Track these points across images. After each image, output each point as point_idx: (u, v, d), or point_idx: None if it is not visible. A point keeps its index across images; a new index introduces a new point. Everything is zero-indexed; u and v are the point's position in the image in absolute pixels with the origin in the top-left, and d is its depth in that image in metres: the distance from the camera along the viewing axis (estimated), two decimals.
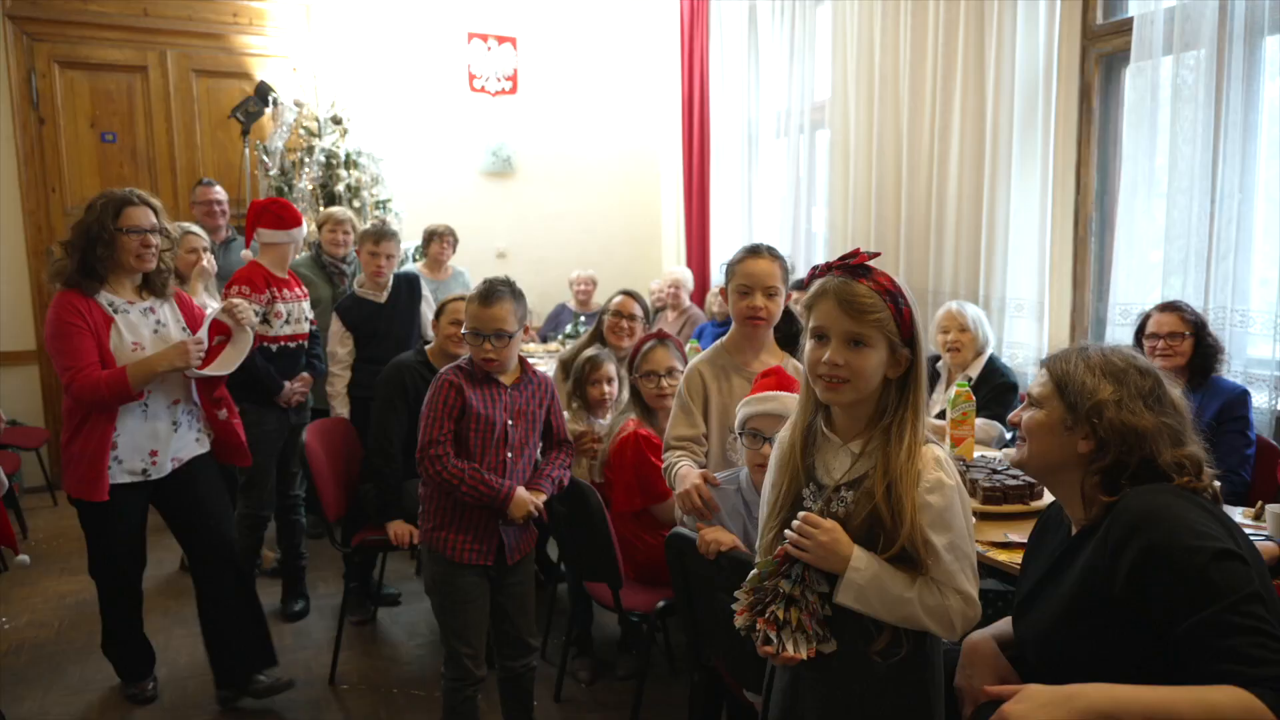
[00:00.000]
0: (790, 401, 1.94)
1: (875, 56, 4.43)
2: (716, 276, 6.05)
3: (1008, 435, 3.01)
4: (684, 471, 2.07)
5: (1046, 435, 1.48)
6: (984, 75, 3.85)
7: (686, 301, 5.60)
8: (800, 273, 5.05)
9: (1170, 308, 2.80)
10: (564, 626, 3.18)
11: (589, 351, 3.15)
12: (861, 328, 1.38)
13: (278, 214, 3.35)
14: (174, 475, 2.69)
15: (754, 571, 1.46)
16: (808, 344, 1.44)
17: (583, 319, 5.64)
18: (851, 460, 1.43)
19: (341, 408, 3.59)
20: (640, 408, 2.83)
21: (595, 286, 6.02)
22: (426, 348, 3.25)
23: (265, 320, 3.28)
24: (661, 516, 2.66)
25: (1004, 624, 1.63)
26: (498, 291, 2.28)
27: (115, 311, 2.55)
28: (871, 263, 1.44)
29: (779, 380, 2.01)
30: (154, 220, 2.59)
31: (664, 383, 2.76)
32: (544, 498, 2.38)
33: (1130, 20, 3.35)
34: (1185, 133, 3.12)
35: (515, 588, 2.42)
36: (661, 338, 2.88)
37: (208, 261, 3.71)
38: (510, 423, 2.34)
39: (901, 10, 4.25)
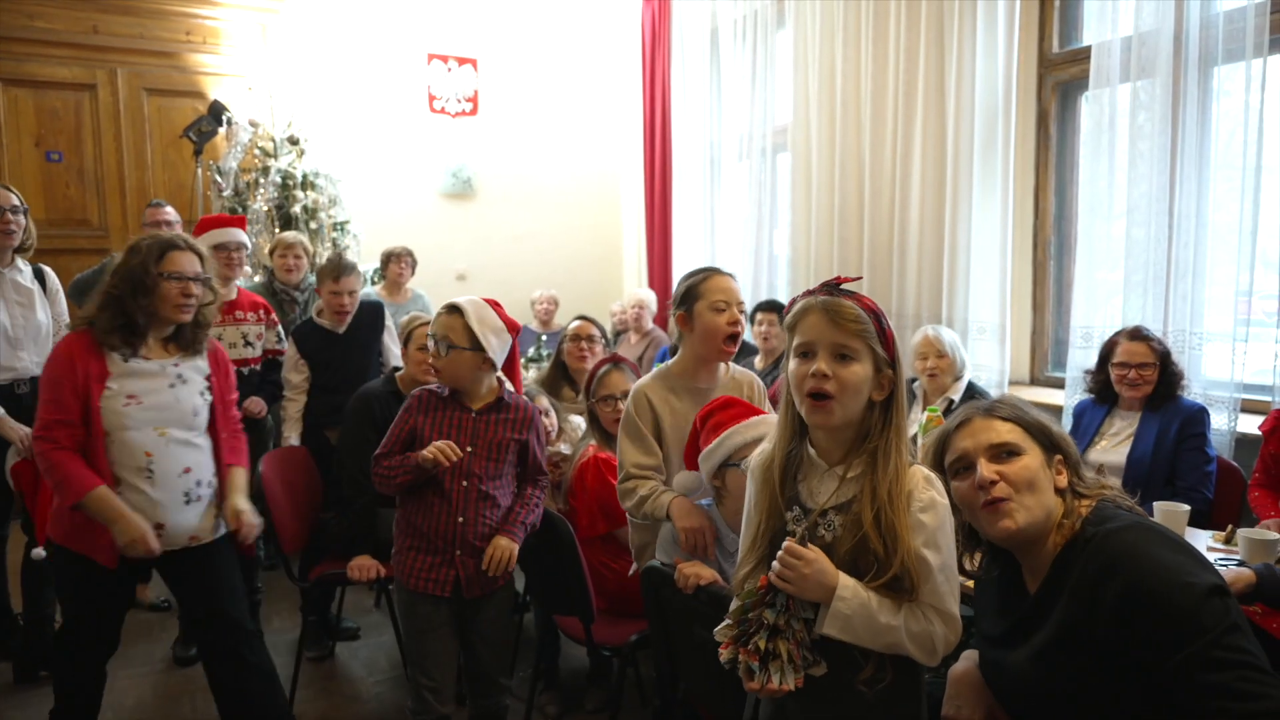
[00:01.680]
0: (772, 422, 1.92)
1: (837, 81, 4.47)
2: None
3: None
4: (684, 505, 2.02)
5: (1041, 479, 1.44)
6: (944, 101, 3.91)
7: (650, 324, 5.57)
8: (761, 295, 5.08)
9: (1138, 336, 2.85)
10: (530, 658, 3.11)
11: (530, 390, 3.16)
12: (848, 339, 1.38)
13: (200, 225, 3.28)
14: (189, 553, 2.34)
15: (736, 603, 1.42)
16: (791, 363, 1.42)
17: (544, 338, 5.59)
18: (838, 483, 1.41)
19: (291, 432, 3.48)
20: (599, 432, 2.81)
21: (557, 306, 5.98)
22: (397, 374, 3.19)
23: None
24: (625, 541, 2.62)
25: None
26: (462, 307, 2.26)
27: (121, 367, 2.24)
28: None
29: (745, 408, 2.00)
30: (199, 268, 2.31)
31: (620, 405, 2.72)
32: (516, 546, 2.29)
33: (1086, 49, 3.42)
34: (1142, 158, 3.19)
35: (485, 625, 2.34)
36: (616, 361, 2.87)
37: None
38: (470, 449, 2.27)
39: (862, 36, 4.30)
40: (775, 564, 1.38)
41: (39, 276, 3.20)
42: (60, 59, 5.08)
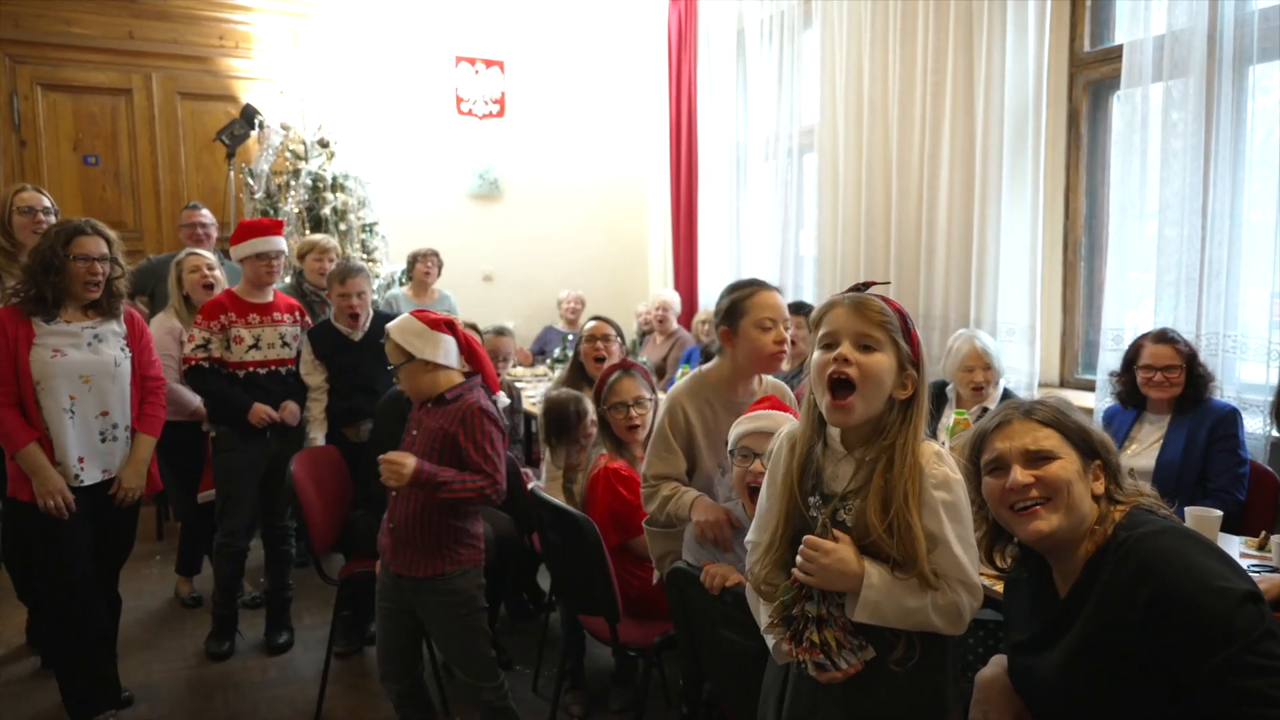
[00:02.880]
0: (781, 419, 1.94)
1: (864, 81, 4.45)
2: (705, 300, 6.04)
3: None
4: (705, 502, 2.03)
5: (1077, 485, 1.42)
6: (973, 100, 3.88)
7: (674, 324, 5.58)
8: (787, 297, 5.06)
9: (1163, 339, 2.81)
10: (555, 658, 3.13)
11: (568, 392, 3.14)
12: (872, 329, 1.40)
13: (240, 230, 3.33)
14: (105, 486, 2.79)
15: (776, 602, 1.44)
16: (815, 355, 1.44)
17: (570, 338, 5.61)
18: (856, 467, 1.43)
19: (317, 433, 3.52)
20: (610, 440, 2.77)
21: (583, 306, 6.01)
22: None
23: (226, 346, 3.28)
24: (640, 551, 2.62)
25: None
26: (388, 330, 2.36)
27: (44, 328, 2.66)
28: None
29: (772, 403, 2.03)
30: (104, 250, 2.71)
31: (633, 412, 2.71)
32: (412, 463, 2.20)
33: (1118, 48, 3.38)
34: (1175, 157, 3.14)
35: (431, 621, 2.39)
36: (627, 367, 2.83)
37: (219, 275, 3.72)
38: (414, 432, 2.39)
39: (890, 35, 4.28)
40: (799, 559, 1.39)
41: None
42: (96, 64, 5.18)
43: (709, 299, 6.03)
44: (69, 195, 5.12)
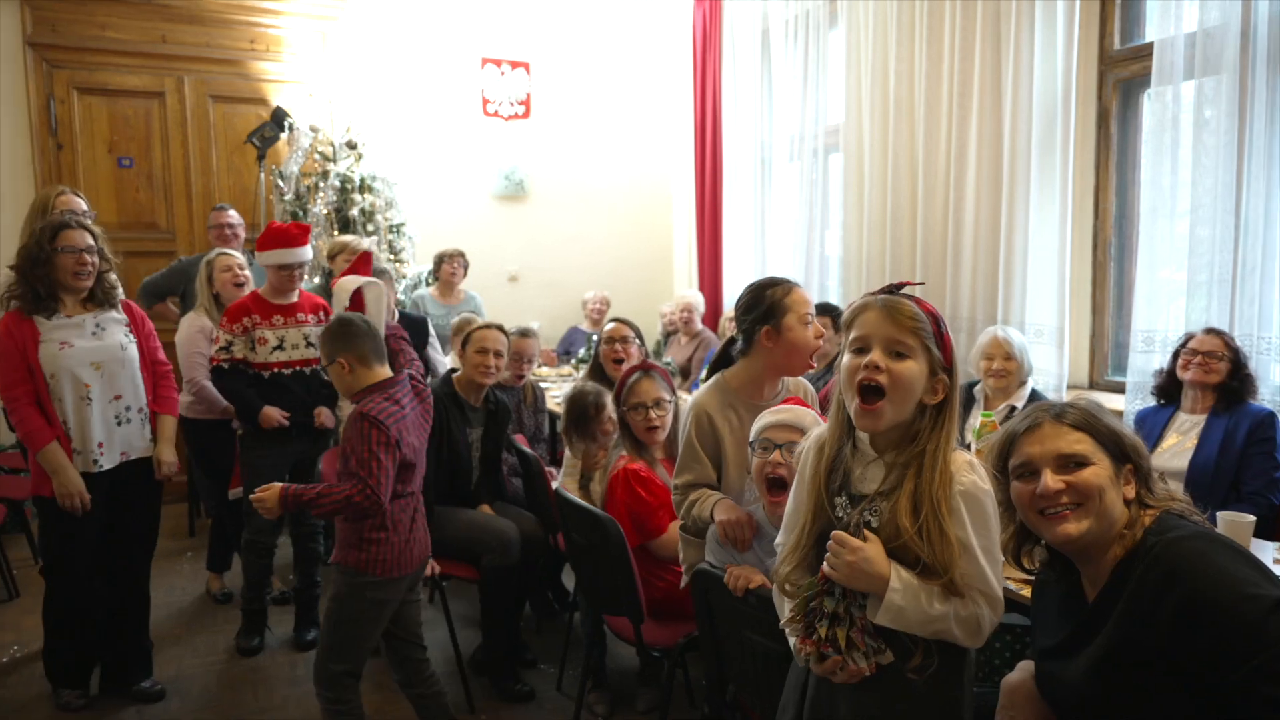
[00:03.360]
0: (803, 413, 1.95)
1: (890, 80, 4.43)
2: (730, 300, 6.03)
3: None
4: (727, 503, 2.04)
5: (1108, 491, 1.40)
6: (1001, 99, 3.84)
7: (699, 325, 5.58)
8: (813, 297, 5.04)
9: (1215, 331, 2.81)
10: (579, 658, 3.14)
11: (591, 385, 3.16)
12: (903, 335, 1.39)
13: (265, 237, 3.38)
14: (123, 469, 2.90)
15: (799, 598, 1.45)
16: (845, 358, 1.43)
17: (594, 338, 5.63)
18: (885, 470, 1.42)
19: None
20: (630, 441, 2.77)
21: (609, 306, 6.02)
22: (454, 376, 3.27)
23: (251, 348, 3.33)
24: (659, 553, 2.63)
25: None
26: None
27: (46, 325, 2.76)
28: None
29: (796, 402, 2.06)
30: (90, 242, 2.79)
31: (652, 414, 2.71)
32: (275, 492, 2.25)
33: (1149, 46, 3.34)
34: (1207, 155, 3.10)
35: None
36: (647, 368, 2.83)
37: (250, 275, 3.79)
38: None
39: (916, 34, 4.25)
40: (828, 554, 1.39)
41: None
42: (131, 68, 5.27)
43: (734, 299, 6.00)
44: (104, 197, 5.21)
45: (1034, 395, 3.27)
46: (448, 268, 5.20)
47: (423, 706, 2.55)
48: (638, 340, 3.69)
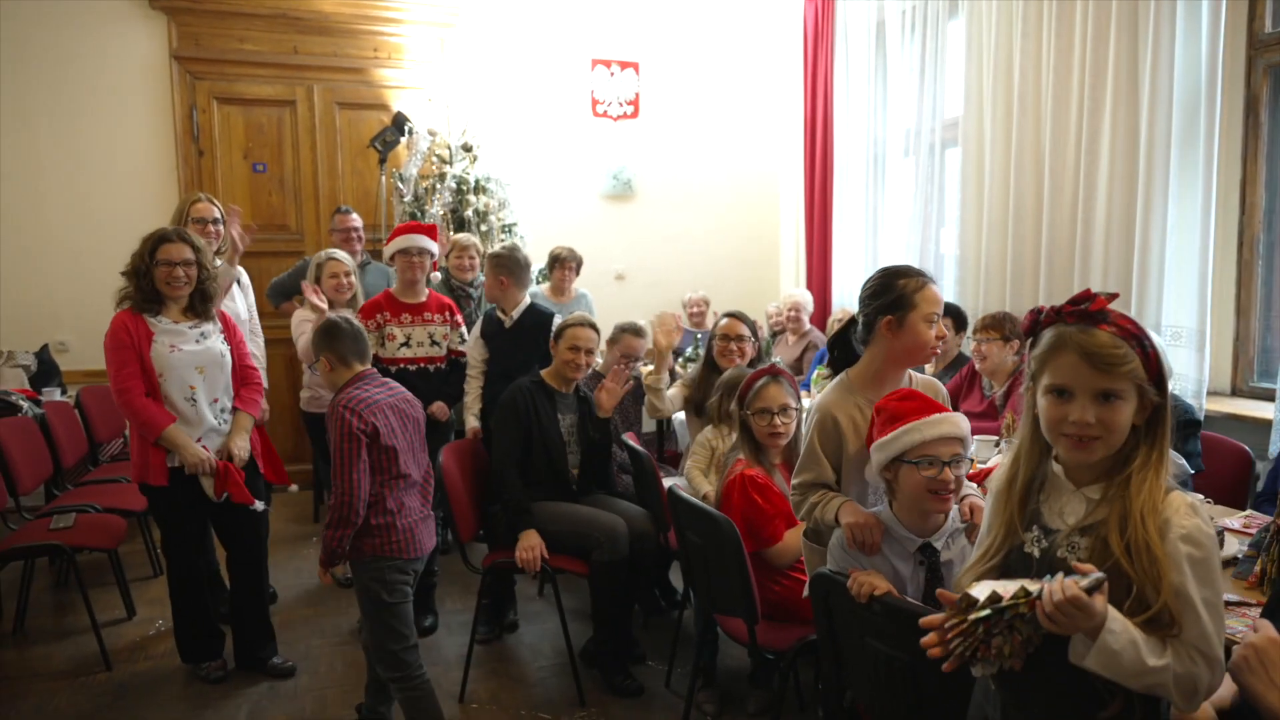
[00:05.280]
0: (958, 419, 1.87)
1: (1014, 71, 4.25)
2: (839, 299, 5.93)
3: (1190, 470, 2.78)
4: (853, 505, 2.00)
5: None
6: (1137, 89, 3.64)
7: (807, 324, 5.50)
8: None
9: None
10: (688, 656, 3.14)
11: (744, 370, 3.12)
12: (1113, 382, 1.28)
13: (394, 231, 3.56)
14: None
15: (982, 612, 1.25)
16: (1043, 400, 1.34)
17: (700, 336, 5.62)
18: (1087, 506, 1.32)
19: (472, 417, 3.73)
20: (750, 445, 2.72)
21: (708, 307, 5.98)
22: (543, 371, 3.34)
23: (381, 343, 3.56)
24: (774, 561, 2.60)
25: (1221, 690, 1.47)
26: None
27: (159, 326, 2.96)
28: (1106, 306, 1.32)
29: (924, 401, 1.93)
30: (187, 255, 2.97)
31: (777, 420, 2.66)
32: (320, 569, 2.68)
33: None
34: None
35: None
36: (775, 374, 2.75)
37: (354, 281, 3.96)
38: None
39: (1044, 20, 4.07)
40: (1046, 600, 1.21)
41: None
42: (265, 78, 5.57)
43: (843, 298, 5.91)
44: (239, 200, 5.53)
45: (1172, 398, 3.08)
46: (559, 273, 5.26)
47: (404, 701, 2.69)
48: (753, 338, 3.63)
